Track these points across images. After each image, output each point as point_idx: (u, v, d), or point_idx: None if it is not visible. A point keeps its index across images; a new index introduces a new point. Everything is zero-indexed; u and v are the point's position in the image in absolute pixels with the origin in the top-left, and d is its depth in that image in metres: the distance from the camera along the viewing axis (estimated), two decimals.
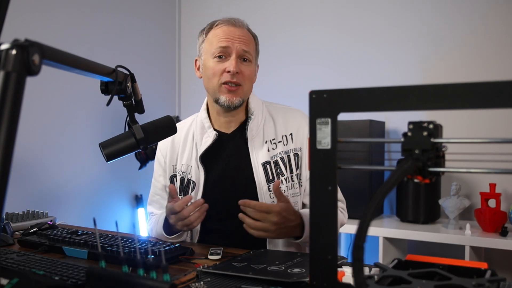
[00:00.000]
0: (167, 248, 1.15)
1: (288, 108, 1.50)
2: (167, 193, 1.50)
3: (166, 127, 1.15)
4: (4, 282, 0.74)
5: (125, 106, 1.09)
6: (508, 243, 1.96)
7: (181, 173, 1.45)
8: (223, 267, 1.02)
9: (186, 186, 1.44)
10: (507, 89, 0.59)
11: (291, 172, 1.40)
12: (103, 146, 1.08)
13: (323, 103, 0.71)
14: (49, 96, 2.45)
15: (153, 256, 1.09)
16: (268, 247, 1.38)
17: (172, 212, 1.27)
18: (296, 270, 0.99)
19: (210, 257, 1.15)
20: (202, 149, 1.42)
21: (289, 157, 1.41)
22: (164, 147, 1.50)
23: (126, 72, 1.06)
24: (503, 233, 2.02)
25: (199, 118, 1.48)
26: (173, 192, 1.31)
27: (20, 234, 1.42)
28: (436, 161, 0.66)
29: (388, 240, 2.24)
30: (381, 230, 2.23)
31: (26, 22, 2.32)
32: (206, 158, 1.42)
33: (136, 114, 1.10)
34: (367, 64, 2.74)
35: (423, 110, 0.64)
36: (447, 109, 0.63)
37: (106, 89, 1.03)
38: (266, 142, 1.42)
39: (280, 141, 1.42)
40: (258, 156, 1.40)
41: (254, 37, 1.45)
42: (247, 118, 1.45)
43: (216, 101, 1.40)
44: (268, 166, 1.39)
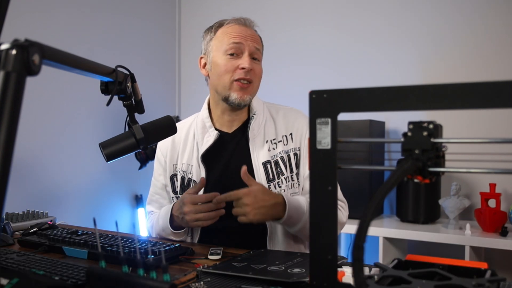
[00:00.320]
0: (167, 248, 1.15)
1: (288, 108, 1.50)
2: (168, 192, 1.50)
3: (166, 127, 1.15)
4: (4, 282, 0.74)
5: (125, 106, 1.09)
6: (508, 243, 1.96)
7: (181, 172, 1.45)
8: (223, 267, 1.02)
9: (187, 186, 1.44)
10: (507, 89, 0.59)
11: (291, 171, 1.41)
12: (103, 146, 1.08)
13: (323, 103, 0.71)
14: (49, 96, 2.45)
15: (153, 256, 1.09)
16: (268, 247, 1.38)
17: (193, 201, 1.27)
18: (296, 270, 0.99)
19: (210, 257, 1.15)
20: (203, 148, 1.42)
21: (289, 156, 1.41)
22: (164, 147, 1.50)
23: (126, 72, 1.06)
24: (503, 233, 2.02)
25: (200, 118, 1.48)
26: (203, 183, 1.33)
27: (20, 234, 1.42)
28: (436, 161, 0.66)
29: (388, 240, 2.24)
30: (381, 230, 2.23)
31: (26, 22, 2.32)
32: (207, 157, 1.42)
33: (136, 114, 1.11)
34: (367, 64, 2.74)
35: (423, 110, 0.64)
36: (447, 109, 0.63)
37: (106, 89, 1.03)
38: (267, 142, 1.42)
39: (280, 141, 1.43)
40: (259, 155, 1.40)
41: (261, 38, 1.47)
42: (249, 117, 1.45)
43: (225, 98, 1.39)
44: (268, 166, 1.39)
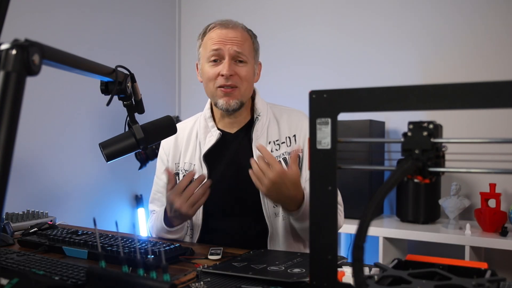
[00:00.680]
0: (167, 248, 1.15)
1: (291, 109, 1.50)
2: None
3: (166, 127, 1.15)
4: (4, 282, 0.74)
5: (125, 106, 1.09)
6: (508, 243, 1.96)
7: (183, 171, 1.45)
8: (223, 267, 1.02)
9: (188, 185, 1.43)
10: (507, 89, 0.59)
11: None
12: (103, 146, 1.08)
13: (323, 103, 0.71)
14: (49, 96, 2.45)
15: (153, 256, 1.09)
16: (268, 247, 1.38)
17: (176, 193, 1.26)
18: (296, 270, 0.99)
19: (210, 257, 1.15)
20: (205, 148, 1.42)
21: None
22: (167, 145, 1.50)
23: (126, 72, 1.06)
24: (503, 233, 2.02)
25: (203, 117, 1.48)
26: (171, 176, 1.30)
27: (20, 234, 1.42)
28: (436, 161, 0.66)
29: (388, 240, 2.24)
30: (381, 230, 2.23)
31: (26, 22, 2.32)
32: (210, 157, 1.42)
33: (136, 114, 1.11)
34: (367, 64, 2.74)
35: (423, 110, 0.64)
36: (447, 109, 0.63)
37: (106, 89, 1.03)
38: (270, 142, 1.42)
39: (283, 142, 1.43)
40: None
41: (251, 35, 1.44)
42: (252, 118, 1.45)
43: (215, 104, 1.41)
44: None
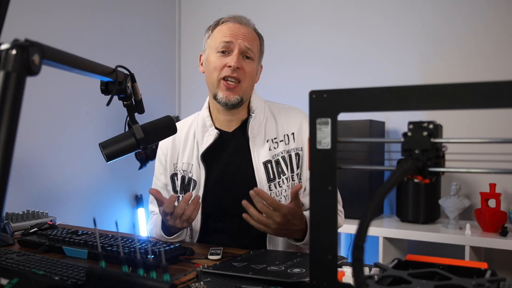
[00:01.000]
0: (167, 248, 1.15)
1: (290, 107, 1.50)
2: (168, 192, 1.50)
3: (166, 127, 1.15)
4: (4, 282, 0.74)
5: (125, 106, 1.09)
6: (508, 243, 1.96)
7: (182, 171, 1.45)
8: (223, 267, 1.02)
9: (187, 185, 1.44)
10: (507, 89, 0.59)
11: (292, 171, 1.40)
12: (103, 146, 1.08)
13: (323, 103, 0.71)
14: (49, 96, 2.45)
15: (153, 256, 1.09)
16: (268, 247, 1.38)
17: (165, 214, 1.26)
18: (296, 270, 0.99)
19: (210, 257, 1.15)
20: (203, 147, 1.42)
21: (290, 156, 1.41)
22: (165, 146, 1.50)
23: (126, 72, 1.06)
24: (503, 233, 2.02)
25: (201, 117, 1.48)
26: (156, 195, 1.26)
27: (20, 234, 1.42)
28: (436, 161, 0.66)
29: (388, 240, 2.24)
30: (381, 230, 2.23)
31: (26, 22, 2.32)
32: (207, 156, 1.42)
33: (136, 114, 1.10)
34: (367, 64, 2.74)
35: (423, 110, 0.64)
36: (447, 109, 0.63)
37: (106, 89, 1.03)
38: (268, 141, 1.42)
39: (281, 140, 1.43)
40: (260, 154, 1.40)
41: (260, 37, 1.46)
42: (249, 116, 1.45)
43: (214, 96, 1.41)
44: (269, 165, 1.39)
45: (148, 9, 3.15)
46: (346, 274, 0.88)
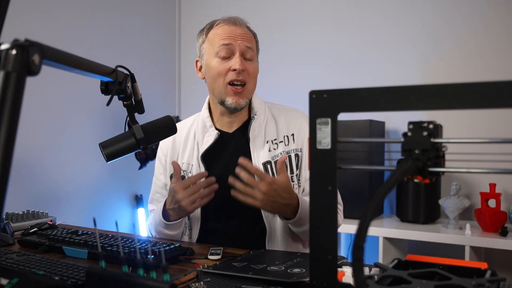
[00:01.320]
0: (167, 248, 1.15)
1: (290, 108, 1.50)
2: (168, 191, 1.50)
3: (166, 127, 1.15)
4: (4, 282, 0.74)
5: (125, 106, 1.09)
6: (508, 243, 1.96)
7: (182, 171, 1.45)
8: (223, 267, 1.02)
9: None
10: (507, 89, 0.59)
11: (292, 172, 1.40)
12: (103, 146, 1.08)
13: (323, 103, 0.71)
14: (49, 96, 2.45)
15: (153, 256, 1.09)
16: (268, 247, 1.38)
17: (182, 185, 1.27)
18: (296, 270, 0.99)
19: (210, 257, 1.15)
20: (203, 148, 1.42)
21: (290, 157, 1.41)
22: (165, 146, 1.50)
23: (126, 72, 1.06)
24: (503, 233, 2.02)
25: (201, 117, 1.48)
26: (178, 169, 1.32)
27: (20, 234, 1.42)
28: (436, 161, 0.66)
29: (388, 240, 2.24)
30: (381, 230, 2.23)
31: (26, 22, 2.32)
32: (207, 157, 1.42)
33: (136, 114, 1.11)
34: (367, 64, 2.74)
35: (423, 110, 0.64)
36: (447, 109, 0.63)
37: (106, 89, 1.03)
38: (268, 142, 1.42)
39: (281, 141, 1.43)
40: (259, 155, 1.40)
41: (254, 34, 1.45)
42: (250, 117, 1.45)
43: (221, 102, 1.39)
44: (269, 166, 1.39)
45: (148, 9, 3.15)
46: (346, 274, 0.88)
